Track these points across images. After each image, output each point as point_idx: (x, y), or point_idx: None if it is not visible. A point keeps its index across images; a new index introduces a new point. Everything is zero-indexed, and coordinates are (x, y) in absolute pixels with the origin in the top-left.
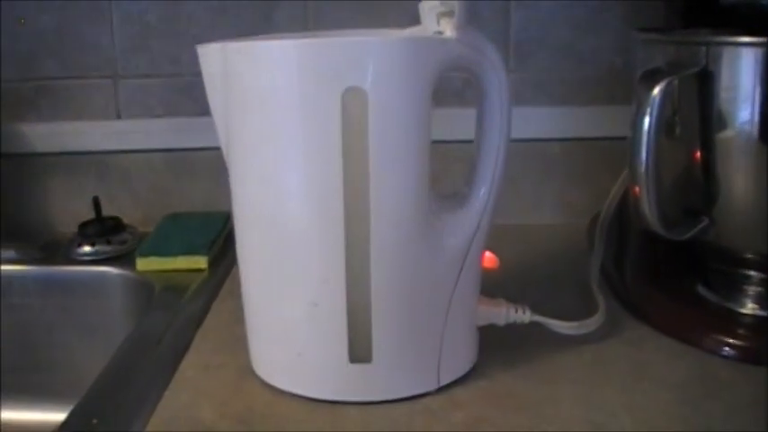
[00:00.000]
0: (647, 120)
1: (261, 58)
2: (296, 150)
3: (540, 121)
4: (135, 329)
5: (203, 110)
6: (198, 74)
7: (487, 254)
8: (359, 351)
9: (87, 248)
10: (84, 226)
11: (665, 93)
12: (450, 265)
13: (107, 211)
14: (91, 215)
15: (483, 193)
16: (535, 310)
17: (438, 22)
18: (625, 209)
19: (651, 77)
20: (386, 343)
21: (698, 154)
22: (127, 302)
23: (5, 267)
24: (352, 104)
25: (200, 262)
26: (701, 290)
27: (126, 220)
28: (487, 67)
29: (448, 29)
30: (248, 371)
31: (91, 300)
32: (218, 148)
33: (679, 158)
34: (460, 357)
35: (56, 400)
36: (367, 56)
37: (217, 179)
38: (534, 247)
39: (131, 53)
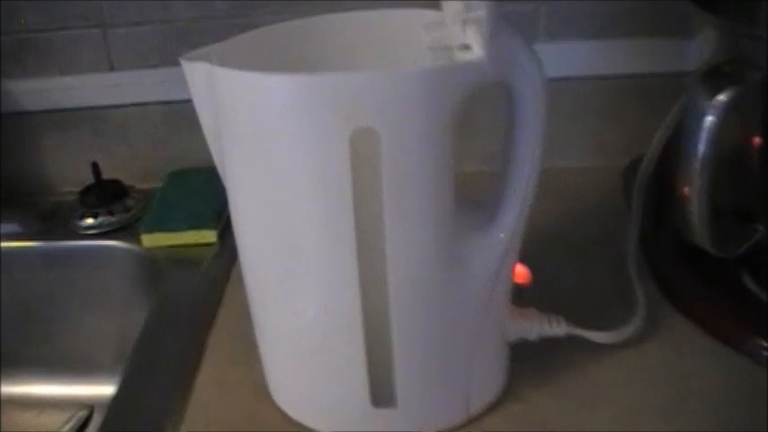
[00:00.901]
0: (707, 125)
1: (257, 92)
2: (300, 191)
3: (570, 58)
4: (144, 332)
5: None
6: (194, 19)
7: (518, 267)
8: (382, 394)
9: (90, 221)
10: (84, 193)
11: (730, 103)
12: (477, 293)
13: (107, 167)
14: (90, 175)
15: (513, 216)
16: (565, 297)
17: (464, 31)
18: (666, 163)
19: (715, 81)
20: (411, 384)
21: (757, 154)
22: (134, 275)
23: (7, 243)
24: (363, 146)
25: (209, 236)
26: (747, 281)
27: (127, 177)
28: (521, 76)
29: (476, 43)
30: (264, 391)
31: (96, 272)
32: None
33: (734, 158)
34: (490, 382)
35: (62, 374)
36: (378, 93)
37: None
38: (563, 199)
39: None
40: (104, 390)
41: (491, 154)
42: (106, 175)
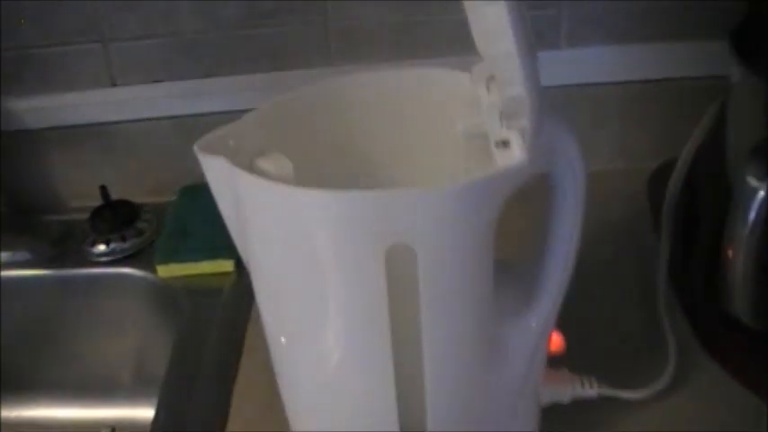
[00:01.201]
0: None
1: (287, 205)
2: (330, 303)
3: (593, 63)
4: (169, 372)
5: (209, 70)
6: (199, 31)
7: (552, 336)
8: None
9: (102, 247)
10: (94, 217)
11: None
12: (513, 376)
13: (116, 182)
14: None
15: (549, 303)
16: (594, 345)
17: (501, 124)
18: (695, 180)
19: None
20: None
21: None
22: (150, 304)
23: (19, 272)
24: (398, 262)
25: (226, 265)
26: None
27: (137, 191)
28: (563, 164)
29: (517, 146)
30: None
31: (111, 300)
32: (229, 112)
33: None
34: None
35: (81, 397)
36: (413, 211)
37: None
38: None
39: (118, 11)
40: (124, 412)
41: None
42: (116, 191)
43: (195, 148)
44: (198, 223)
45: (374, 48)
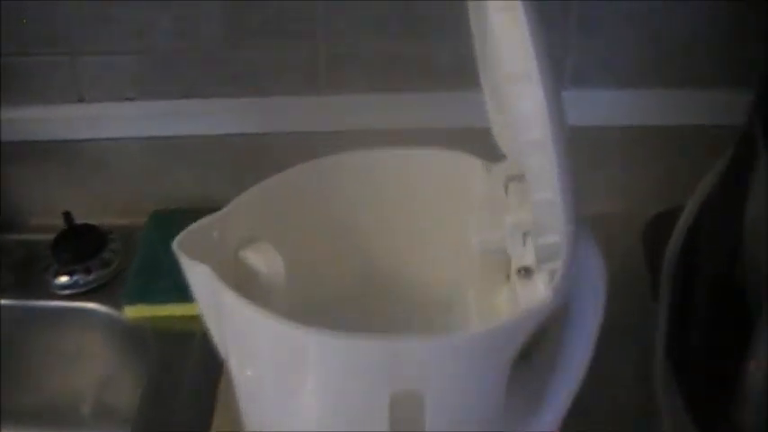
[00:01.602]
0: None
1: (285, 344)
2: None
3: (604, 105)
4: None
5: (186, 91)
6: (177, 49)
7: None
8: None
9: (65, 279)
10: (57, 244)
11: None
12: None
13: (82, 203)
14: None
15: (555, 415)
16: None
17: (524, 245)
18: (695, 240)
19: None
20: None
21: None
22: (116, 342)
23: None
24: (404, 406)
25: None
26: None
27: (105, 214)
28: (587, 289)
29: (542, 282)
30: None
31: (74, 333)
32: (206, 136)
33: None
34: None
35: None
36: (421, 360)
37: (206, 167)
38: None
39: (89, 24)
40: None
41: None
42: (81, 213)
43: (175, 246)
44: (170, 257)
45: (365, 78)
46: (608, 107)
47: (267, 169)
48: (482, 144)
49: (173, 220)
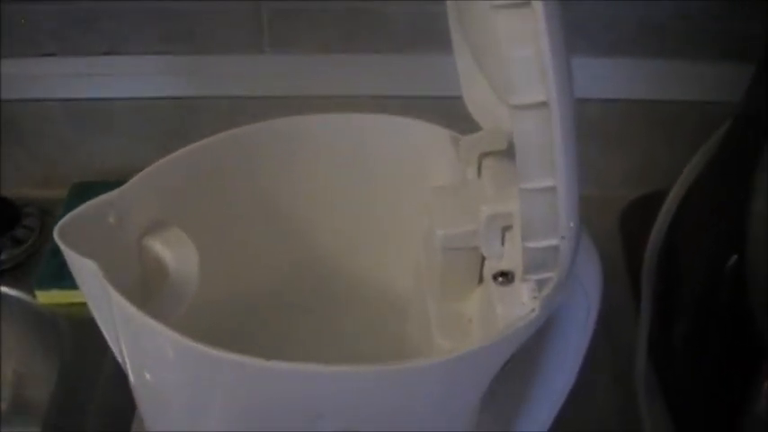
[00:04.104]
0: None
1: (194, 364)
2: None
3: (579, 75)
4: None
5: (111, 47)
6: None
7: None
8: None
9: None
10: None
11: None
12: None
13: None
14: None
15: None
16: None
17: (503, 244)
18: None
19: None
20: None
21: None
22: (27, 328)
23: None
24: None
25: None
26: None
27: (22, 183)
28: (579, 294)
29: (529, 294)
30: None
31: None
32: (134, 99)
33: None
34: None
35: None
36: (367, 393)
37: (133, 135)
38: None
39: None
40: None
41: None
42: None
43: (56, 234)
44: None
45: (314, 36)
46: (584, 78)
47: (201, 138)
48: (451, 116)
49: (95, 193)
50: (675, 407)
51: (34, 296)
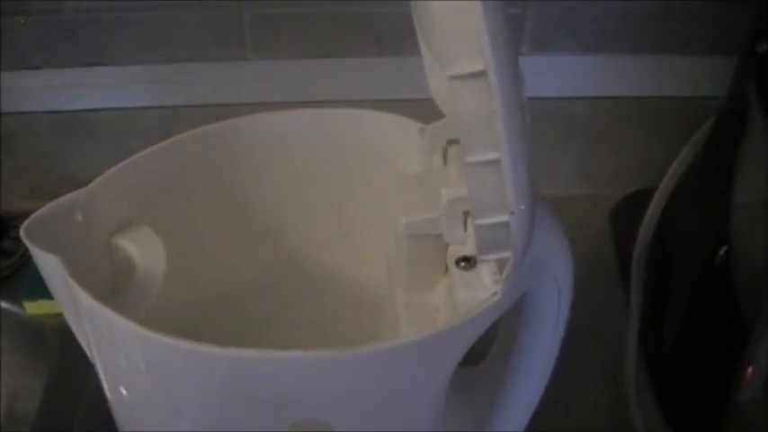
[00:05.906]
0: None
1: (162, 357)
2: None
3: (565, 73)
4: None
5: (93, 58)
6: (83, 9)
7: None
8: None
9: None
10: None
11: None
12: None
13: None
14: None
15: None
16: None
17: (464, 229)
18: (670, 225)
19: None
20: None
21: None
22: (16, 340)
23: None
24: None
25: None
26: None
27: (9, 197)
28: (548, 281)
29: (489, 276)
30: None
31: None
32: (121, 109)
33: None
34: None
35: None
36: (326, 380)
37: (118, 145)
38: None
39: None
40: None
41: None
42: None
43: (23, 233)
44: None
45: (297, 41)
46: (573, 76)
47: None
48: (436, 120)
49: None
50: (665, 404)
51: (23, 307)
